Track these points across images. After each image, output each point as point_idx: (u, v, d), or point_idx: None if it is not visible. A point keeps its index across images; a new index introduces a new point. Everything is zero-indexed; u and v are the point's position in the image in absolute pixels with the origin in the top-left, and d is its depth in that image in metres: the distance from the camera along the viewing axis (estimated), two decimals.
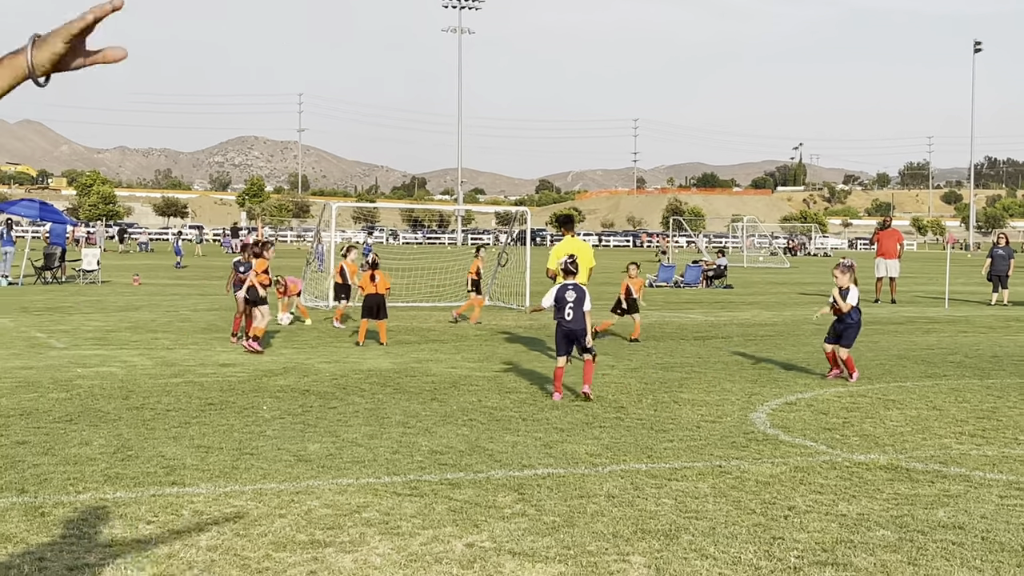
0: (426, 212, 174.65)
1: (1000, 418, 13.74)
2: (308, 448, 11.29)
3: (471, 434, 12.21)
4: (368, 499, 9.26)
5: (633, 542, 8.11)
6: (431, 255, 61.38)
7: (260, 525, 8.42)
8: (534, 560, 7.63)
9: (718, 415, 13.73)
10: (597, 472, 10.43)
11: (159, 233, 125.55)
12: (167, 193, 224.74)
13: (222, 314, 27.81)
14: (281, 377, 16.44)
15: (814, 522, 8.75)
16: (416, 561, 7.57)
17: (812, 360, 19.18)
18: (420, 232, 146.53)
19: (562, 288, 14.81)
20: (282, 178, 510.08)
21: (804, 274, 60.01)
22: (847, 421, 13.37)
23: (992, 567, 7.60)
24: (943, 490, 9.91)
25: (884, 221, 39.02)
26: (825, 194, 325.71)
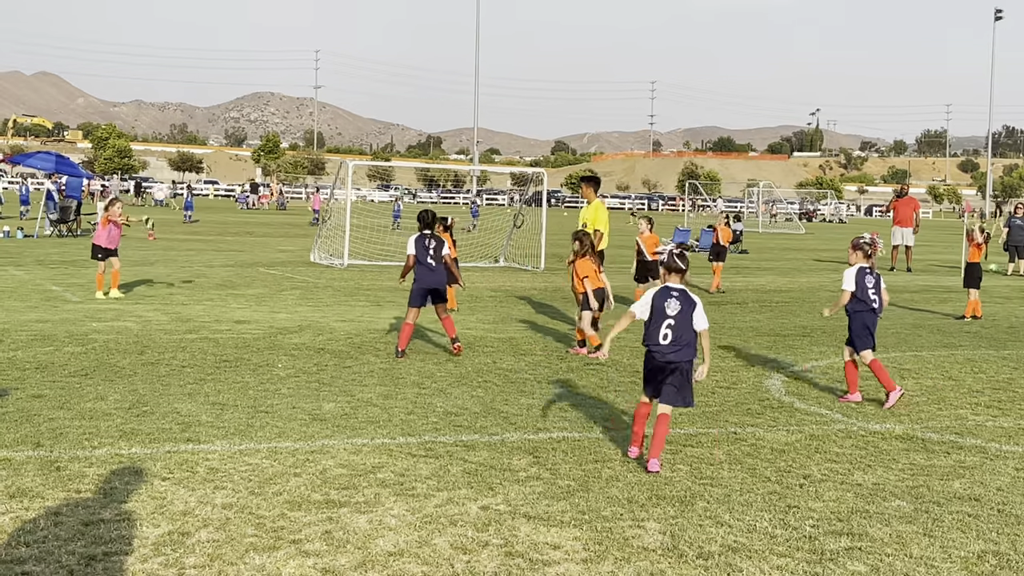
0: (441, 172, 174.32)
1: (1016, 389, 13.68)
2: (323, 407, 11.29)
3: (486, 396, 12.20)
4: (383, 460, 9.26)
5: (648, 508, 8.09)
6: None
7: (275, 484, 8.43)
8: (549, 524, 7.62)
9: (733, 381, 13.69)
10: (612, 437, 10.41)
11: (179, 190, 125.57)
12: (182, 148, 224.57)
13: (237, 271, 27.83)
14: (296, 335, 16.44)
15: (829, 491, 8.72)
16: (431, 523, 7.57)
17: (828, 327, 19.10)
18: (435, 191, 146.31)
19: (662, 293, 9.65)
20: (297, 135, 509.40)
21: (819, 240, 59.84)
22: (862, 389, 13.30)
23: (1008, 539, 7.57)
24: (959, 461, 9.87)
25: (901, 189, 38.82)
26: (841, 160, 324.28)
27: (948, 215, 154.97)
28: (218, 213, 76.39)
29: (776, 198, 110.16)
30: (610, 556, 7.01)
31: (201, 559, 6.74)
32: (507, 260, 33.65)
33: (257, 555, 6.84)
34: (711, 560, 6.98)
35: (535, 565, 6.80)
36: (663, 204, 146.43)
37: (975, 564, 7.06)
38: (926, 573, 6.88)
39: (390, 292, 23.57)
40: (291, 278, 26.42)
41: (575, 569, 6.76)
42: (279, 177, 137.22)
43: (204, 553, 6.84)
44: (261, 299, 21.37)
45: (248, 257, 33.34)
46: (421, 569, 6.68)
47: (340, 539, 7.18)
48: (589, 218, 17.99)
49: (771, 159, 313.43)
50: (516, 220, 34.86)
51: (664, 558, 7.00)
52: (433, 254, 15.06)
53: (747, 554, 7.11)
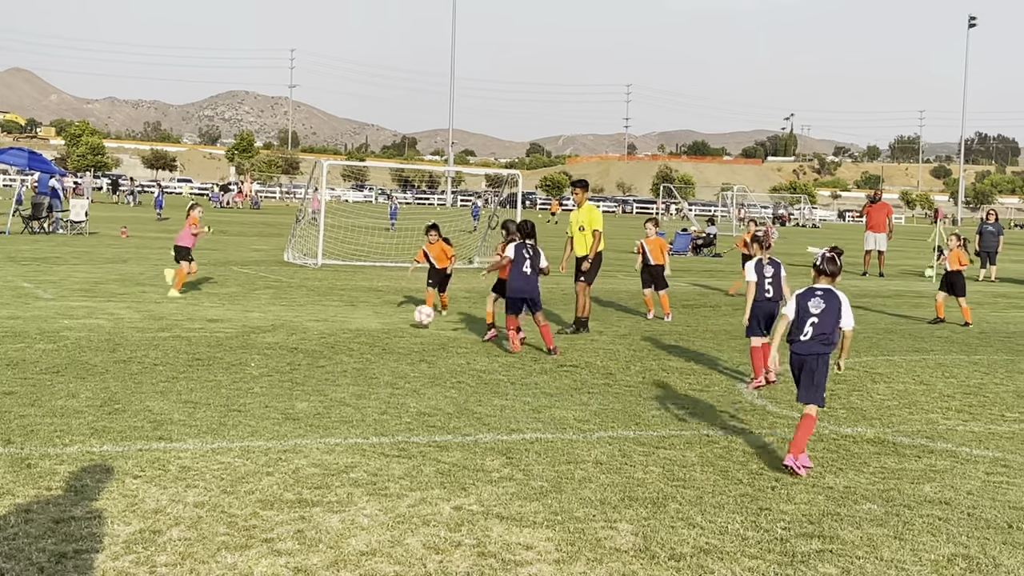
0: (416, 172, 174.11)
1: (987, 394, 13.77)
2: (296, 406, 11.26)
3: (459, 397, 12.20)
4: (356, 459, 9.24)
5: (621, 509, 8.11)
6: (422, 216, 61.24)
7: (247, 483, 8.40)
8: (522, 525, 7.62)
9: (706, 384, 13.73)
10: (585, 438, 10.43)
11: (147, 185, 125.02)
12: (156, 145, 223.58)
13: (210, 269, 27.71)
14: (269, 334, 16.39)
15: (801, 494, 8.76)
16: (403, 523, 7.56)
17: None
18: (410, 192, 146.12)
19: (807, 293, 10.03)
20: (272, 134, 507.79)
21: (792, 244, 59.99)
22: (834, 393, 13.38)
23: (978, 543, 7.62)
24: (930, 465, 9.93)
25: (874, 195, 38.98)
26: (815, 165, 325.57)
27: (920, 221, 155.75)
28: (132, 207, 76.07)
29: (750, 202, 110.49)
30: (582, 557, 7.02)
31: (172, 557, 6.72)
32: (481, 261, 33.65)
33: (229, 554, 6.82)
34: (683, 562, 6.99)
35: (507, 565, 6.81)
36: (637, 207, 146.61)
37: (945, 567, 7.11)
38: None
39: (364, 292, 23.55)
40: (264, 277, 26.35)
41: (547, 570, 6.77)
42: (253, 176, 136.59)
43: (175, 551, 6.82)
44: (234, 298, 21.31)
45: (221, 256, 33.21)
46: (393, 569, 6.67)
47: (312, 538, 7.16)
48: (585, 220, 18.09)
49: (745, 163, 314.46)
50: (491, 221, 34.88)
51: (636, 559, 7.01)
52: (531, 263, 15.71)
53: (719, 556, 7.13)
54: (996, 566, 7.17)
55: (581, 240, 18.25)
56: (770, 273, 13.96)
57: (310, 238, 33.24)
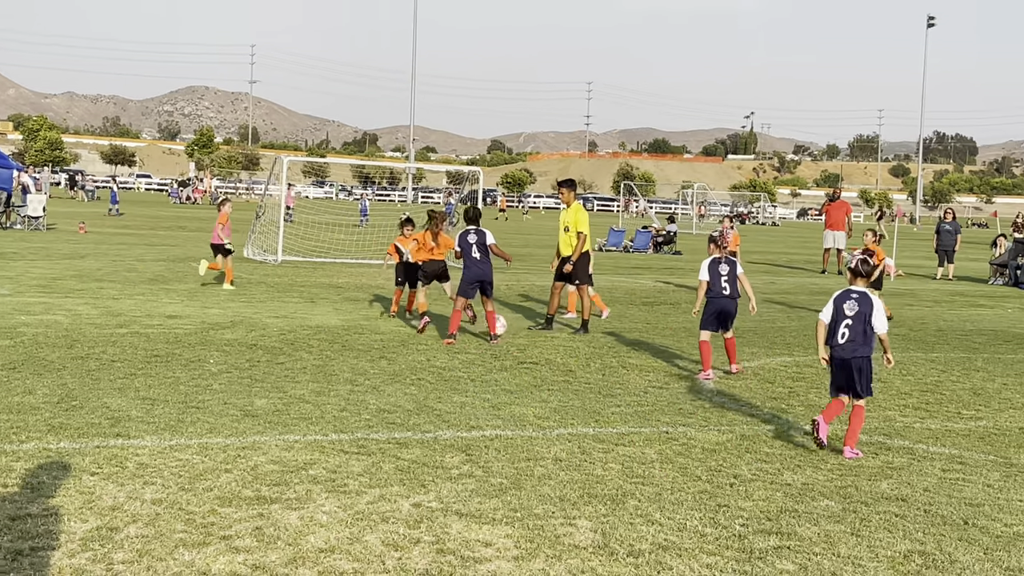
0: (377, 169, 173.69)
1: (944, 392, 13.89)
2: (255, 403, 11.22)
3: (419, 393, 12.18)
4: (315, 456, 9.21)
5: (580, 506, 8.13)
6: (381, 212, 61.16)
7: (205, 480, 8.36)
8: (481, 522, 7.62)
9: (665, 381, 13.78)
10: (545, 435, 10.44)
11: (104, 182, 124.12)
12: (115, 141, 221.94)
13: (169, 265, 27.57)
14: (228, 331, 16.31)
15: (759, 491, 8.80)
16: (362, 520, 7.54)
17: (760, 328, 19.30)
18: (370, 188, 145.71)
19: (843, 295, 10.55)
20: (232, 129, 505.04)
21: (752, 243, 60.27)
22: (793, 391, 13.47)
23: (934, 539, 7.69)
24: (887, 462, 10.01)
25: (833, 193, 39.19)
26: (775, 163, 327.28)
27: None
28: (150, 207, 75.62)
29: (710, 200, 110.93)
30: (541, 554, 7.03)
31: (129, 555, 6.68)
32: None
33: (186, 551, 6.78)
34: (641, 558, 7.02)
35: (466, 562, 6.81)
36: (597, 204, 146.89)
37: (901, 563, 7.17)
38: (853, 572, 6.96)
39: (324, 288, 23.48)
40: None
41: (506, 567, 6.78)
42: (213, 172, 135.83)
43: (132, 549, 6.77)
44: (193, 294, 21.19)
45: (180, 252, 33.02)
46: (352, 566, 6.66)
47: (271, 535, 7.14)
48: (570, 221, 18.11)
49: (706, 161, 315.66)
50: (452, 218, 34.86)
51: (595, 556, 7.03)
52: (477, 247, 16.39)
53: (677, 552, 7.16)
54: (952, 562, 7.23)
55: (566, 241, 18.27)
56: (725, 271, 14.33)
57: (270, 234, 33.08)
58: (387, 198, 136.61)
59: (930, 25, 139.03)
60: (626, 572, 6.78)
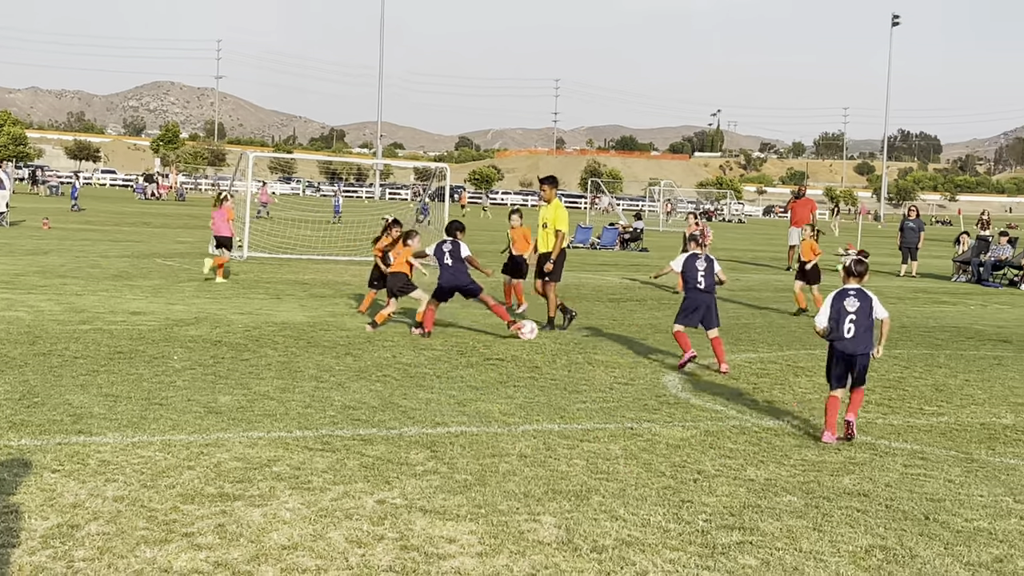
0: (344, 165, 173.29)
1: (906, 388, 13.98)
2: (219, 400, 11.17)
3: (384, 390, 12.16)
4: (279, 453, 9.19)
5: (544, 502, 8.13)
6: (349, 209, 61.03)
7: (168, 476, 8.32)
8: (445, 518, 7.62)
9: (631, 377, 13.81)
10: (510, 431, 10.44)
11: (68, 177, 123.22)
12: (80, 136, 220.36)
13: (133, 261, 27.42)
14: (193, 327, 16.24)
15: (722, 486, 8.84)
16: (326, 516, 7.53)
17: (725, 325, 19.35)
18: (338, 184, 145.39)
19: (841, 294, 11.11)
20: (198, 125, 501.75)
21: (718, 239, 60.47)
22: (757, 387, 13.53)
23: (895, 534, 7.74)
24: (849, 458, 10.07)
25: (798, 190, 39.36)
26: (741, 161, 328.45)
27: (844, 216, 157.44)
28: (115, 203, 75.17)
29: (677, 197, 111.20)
30: (505, 550, 7.03)
31: (91, 552, 6.64)
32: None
33: (148, 548, 6.75)
34: (605, 554, 7.03)
35: (430, 559, 6.80)
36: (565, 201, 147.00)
37: (862, 558, 7.21)
38: (815, 567, 7.00)
39: (289, 285, 23.41)
40: (189, 269, 26.08)
41: (470, 563, 6.78)
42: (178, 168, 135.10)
43: (94, 546, 6.73)
44: (157, 290, 21.08)
45: (145, 248, 32.85)
46: (315, 563, 6.64)
47: (233, 532, 7.11)
48: (549, 218, 18.11)
49: (673, 159, 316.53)
50: (418, 215, 34.83)
51: (559, 551, 7.04)
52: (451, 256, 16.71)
53: (640, 548, 7.18)
54: (913, 557, 7.28)
55: (544, 237, 18.25)
56: (703, 267, 14.84)
57: (236, 230, 32.89)
58: (354, 194, 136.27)
59: (895, 24, 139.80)
60: (589, 568, 6.79)
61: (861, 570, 6.98)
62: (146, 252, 31.11)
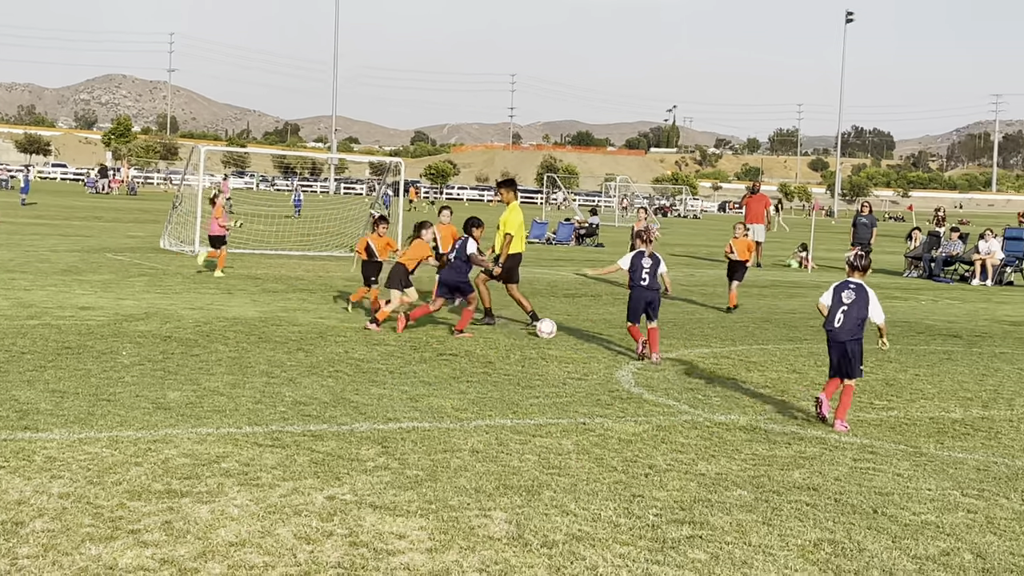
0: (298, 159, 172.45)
1: (856, 382, 14.03)
2: (168, 396, 11.07)
3: (336, 386, 12.10)
4: (228, 449, 9.11)
5: (495, 497, 8.11)
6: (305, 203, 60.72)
7: (115, 473, 8.23)
8: (395, 514, 7.58)
9: (584, 373, 13.81)
10: (462, 427, 10.41)
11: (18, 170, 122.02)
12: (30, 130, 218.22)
13: (83, 256, 27.17)
14: (142, 322, 16.09)
15: (673, 480, 8.85)
16: (275, 513, 7.47)
17: (679, 320, 19.42)
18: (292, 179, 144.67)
19: (841, 285, 11.81)
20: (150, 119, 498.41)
21: (674, 235, 60.71)
22: (709, 382, 13.57)
23: (843, 528, 7.77)
24: (799, 452, 10.11)
25: (753, 186, 39.55)
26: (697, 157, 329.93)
27: (798, 212, 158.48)
28: (66, 197, 74.47)
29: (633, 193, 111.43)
30: (455, 545, 7.00)
31: (35, 549, 6.55)
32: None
33: (93, 545, 6.67)
34: (555, 549, 7.02)
35: (379, 555, 6.76)
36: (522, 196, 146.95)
37: (811, 552, 7.23)
38: (764, 560, 7.02)
39: (241, 280, 23.26)
40: (139, 264, 25.88)
41: (419, 559, 6.74)
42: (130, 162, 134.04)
43: (38, 543, 6.64)
44: (107, 285, 20.89)
45: (95, 242, 32.56)
46: (263, 559, 6.58)
47: (180, 529, 7.04)
48: (502, 220, 18.09)
49: (629, 154, 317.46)
50: (373, 209, 34.70)
51: (509, 547, 7.02)
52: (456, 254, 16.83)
53: (591, 542, 7.17)
54: (861, 550, 7.31)
55: (499, 239, 18.23)
56: (648, 265, 15.21)
57: (187, 225, 32.67)
58: (309, 189, 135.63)
59: (849, 21, 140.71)
60: (539, 563, 6.77)
61: (809, 564, 7.01)
62: (96, 247, 30.84)
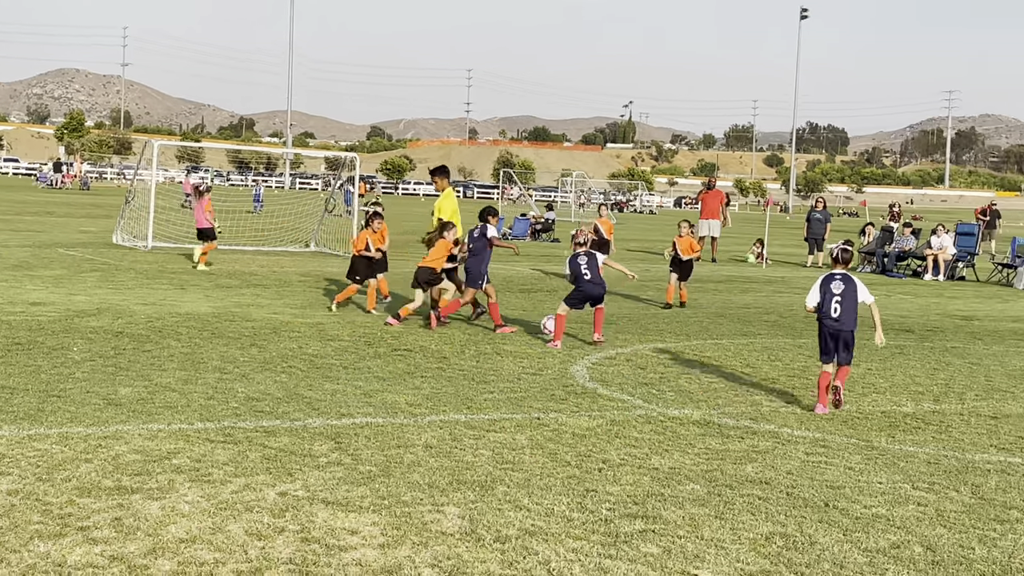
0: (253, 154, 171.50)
1: (810, 377, 14.13)
2: (119, 392, 10.98)
3: (289, 381, 12.04)
4: (179, 445, 9.04)
5: (448, 493, 8.10)
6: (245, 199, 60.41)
7: (64, 470, 8.15)
8: (347, 510, 7.55)
9: (539, 368, 13.81)
10: (416, 422, 10.39)
11: None
12: None
13: (34, 251, 26.89)
14: (94, 318, 15.95)
15: (627, 475, 8.86)
16: (226, 509, 7.42)
17: (634, 315, 19.47)
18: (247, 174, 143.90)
19: (828, 278, 12.44)
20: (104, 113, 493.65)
21: (630, 231, 60.83)
22: (664, 376, 13.61)
23: (795, 521, 7.81)
24: (752, 446, 10.16)
25: (709, 182, 39.73)
26: (653, 152, 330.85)
27: (754, 208, 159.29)
28: (17, 192, 73.74)
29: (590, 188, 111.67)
30: (408, 541, 6.98)
31: None
32: (317, 245, 33.32)
33: (42, 542, 6.60)
34: (508, 544, 7.01)
35: (331, 551, 6.73)
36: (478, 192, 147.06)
37: (763, 545, 7.27)
38: (716, 554, 7.04)
39: (194, 275, 23.10)
40: (92, 260, 25.66)
41: (371, 554, 6.72)
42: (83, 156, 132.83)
43: None
44: (59, 281, 20.69)
45: (47, 238, 32.25)
46: (213, 556, 6.54)
47: (130, 526, 6.98)
48: (436, 206, 18.05)
49: (585, 150, 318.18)
50: (327, 204, 34.58)
51: (462, 542, 7.01)
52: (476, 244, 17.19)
53: (544, 537, 7.17)
54: (812, 544, 7.35)
55: (433, 226, 18.15)
56: (584, 262, 16.00)
57: (140, 220, 32.40)
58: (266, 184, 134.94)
59: (803, 17, 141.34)
60: (492, 558, 6.77)
61: (761, 557, 7.04)
62: (48, 242, 30.55)
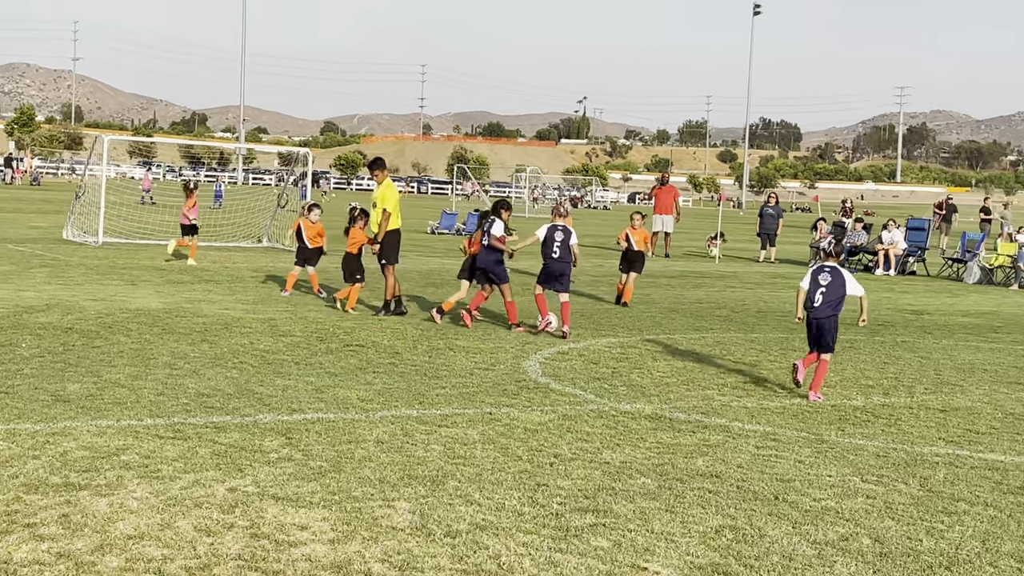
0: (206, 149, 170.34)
1: (761, 371, 14.23)
2: (67, 388, 10.88)
3: (240, 377, 11.98)
4: (128, 441, 8.97)
5: (400, 488, 8.08)
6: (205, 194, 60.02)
7: (11, 466, 8.07)
8: (297, 505, 7.52)
9: (492, 363, 13.81)
10: (367, 418, 10.36)
11: None
12: None
13: None
14: (43, 314, 15.80)
15: (578, 469, 8.88)
16: (175, 505, 7.37)
17: (587, 310, 19.51)
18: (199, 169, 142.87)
19: (819, 269, 12.79)
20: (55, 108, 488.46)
21: (583, 226, 60.89)
22: (616, 371, 13.64)
23: (745, 514, 7.86)
24: (703, 440, 10.20)
25: (662, 178, 39.84)
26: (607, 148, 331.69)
27: (707, 203, 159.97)
28: None
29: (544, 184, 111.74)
30: (358, 536, 6.96)
31: None
32: (270, 240, 33.16)
33: None
34: (458, 538, 7.01)
35: (280, 546, 6.70)
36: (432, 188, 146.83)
37: (713, 538, 7.31)
38: (666, 547, 7.07)
39: (145, 271, 22.93)
40: (41, 255, 25.41)
41: (321, 550, 6.69)
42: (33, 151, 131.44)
43: None
44: (7, 276, 20.48)
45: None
46: (161, 552, 6.49)
47: (78, 522, 6.92)
48: (377, 197, 17.93)
49: (539, 145, 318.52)
50: (280, 200, 34.41)
51: (412, 537, 7.00)
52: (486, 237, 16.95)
53: (494, 532, 7.18)
54: (761, 536, 7.40)
55: (374, 217, 18.08)
56: (559, 238, 16.54)
57: (91, 215, 32.11)
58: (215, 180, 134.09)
59: (756, 13, 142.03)
60: (443, 552, 6.76)
61: (711, 550, 7.08)
62: None
